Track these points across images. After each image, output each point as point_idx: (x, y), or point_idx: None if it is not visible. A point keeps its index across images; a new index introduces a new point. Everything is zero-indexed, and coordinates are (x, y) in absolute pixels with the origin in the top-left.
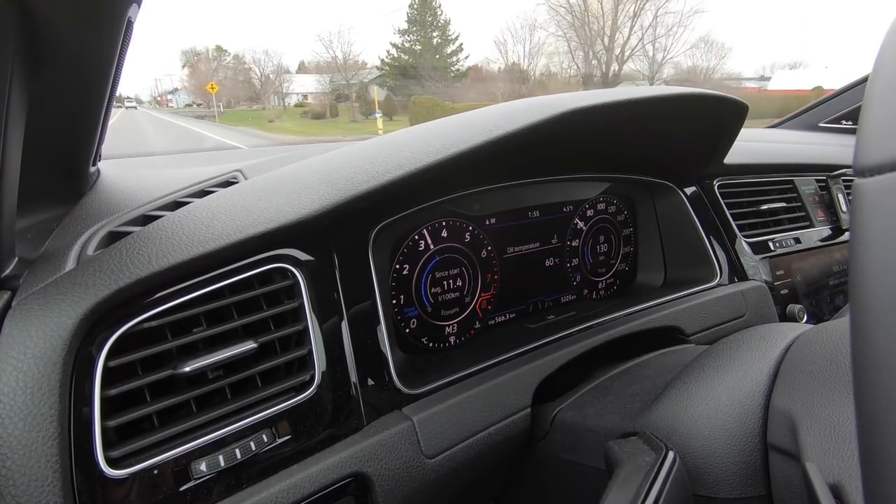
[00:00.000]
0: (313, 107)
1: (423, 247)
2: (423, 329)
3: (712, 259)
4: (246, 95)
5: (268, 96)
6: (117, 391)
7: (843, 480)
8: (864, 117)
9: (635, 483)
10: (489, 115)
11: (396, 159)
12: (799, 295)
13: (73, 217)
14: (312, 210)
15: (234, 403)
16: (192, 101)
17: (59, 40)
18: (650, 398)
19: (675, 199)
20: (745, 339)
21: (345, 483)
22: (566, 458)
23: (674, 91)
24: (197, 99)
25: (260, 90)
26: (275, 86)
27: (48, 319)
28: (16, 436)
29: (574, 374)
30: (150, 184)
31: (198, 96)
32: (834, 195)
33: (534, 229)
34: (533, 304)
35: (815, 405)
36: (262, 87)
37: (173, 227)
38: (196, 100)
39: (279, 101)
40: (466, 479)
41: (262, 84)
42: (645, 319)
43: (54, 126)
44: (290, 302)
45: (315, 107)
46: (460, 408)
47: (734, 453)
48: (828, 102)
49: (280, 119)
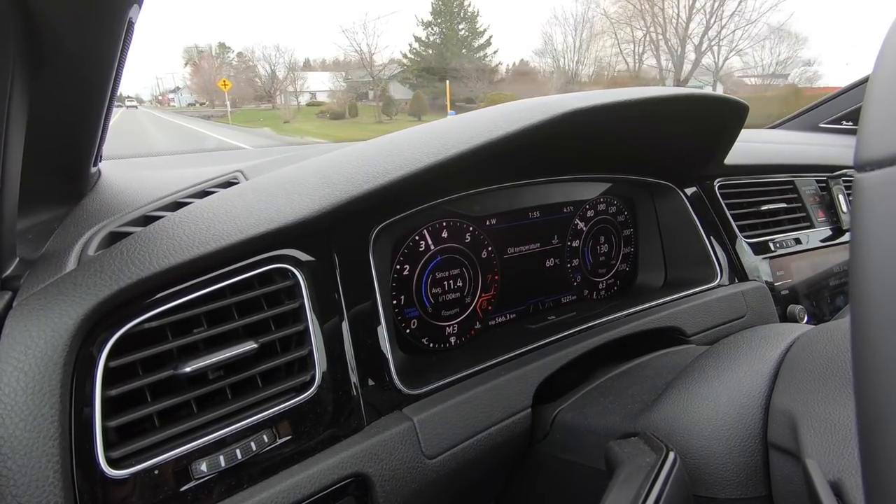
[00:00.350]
0: (331, 106)
1: (424, 247)
2: (423, 329)
3: (713, 259)
4: (253, 94)
5: (280, 95)
6: (118, 391)
7: (844, 477)
8: (865, 112)
9: (636, 483)
10: (490, 116)
11: (397, 160)
12: (799, 295)
13: (73, 217)
14: (313, 210)
15: (235, 404)
16: (194, 100)
17: (60, 41)
18: (651, 399)
19: (675, 199)
20: (745, 340)
21: (345, 483)
22: (566, 458)
23: (674, 92)
24: (200, 98)
25: (271, 88)
26: (285, 84)
27: (49, 320)
28: (17, 436)
29: (574, 374)
30: (150, 184)
31: (201, 95)
32: (834, 196)
33: (534, 230)
34: (533, 305)
35: (815, 403)
36: (273, 85)
37: (174, 227)
38: (199, 99)
39: (291, 100)
40: (467, 480)
41: (272, 82)
42: (645, 320)
43: (55, 127)
44: (290, 302)
45: (332, 106)
46: (461, 408)
47: (735, 454)
48: (828, 103)
49: (295, 119)
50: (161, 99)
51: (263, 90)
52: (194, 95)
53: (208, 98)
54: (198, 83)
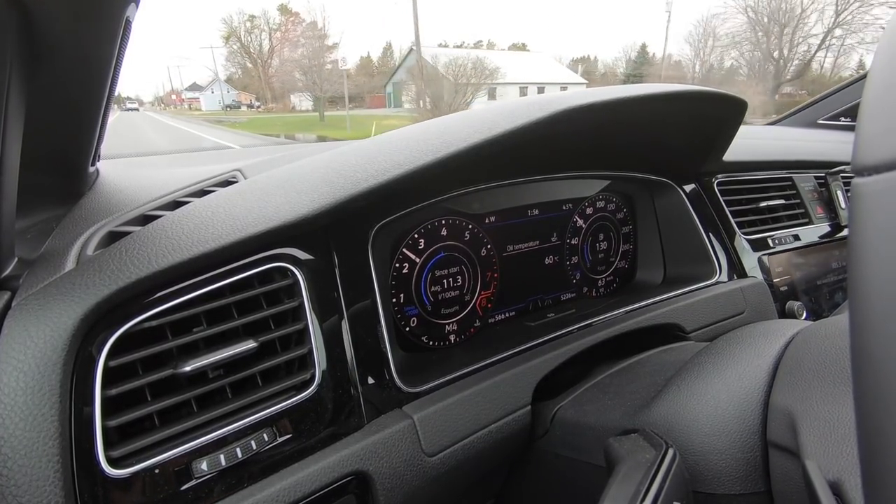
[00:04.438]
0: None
1: (423, 245)
2: (423, 327)
3: (711, 256)
4: (352, 89)
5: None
6: (118, 391)
7: (843, 477)
8: (862, 116)
9: (635, 480)
10: (488, 114)
11: (396, 158)
12: (798, 292)
13: (72, 217)
14: (312, 209)
15: (235, 402)
16: (235, 99)
17: (58, 40)
18: (650, 395)
19: (674, 196)
20: (744, 336)
21: (346, 481)
22: (566, 455)
23: (673, 89)
24: (247, 97)
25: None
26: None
27: (48, 320)
28: (17, 436)
29: (574, 371)
30: (149, 183)
31: (251, 92)
32: (833, 192)
33: (533, 227)
34: (533, 302)
35: (814, 402)
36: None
37: (173, 226)
38: (246, 98)
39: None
40: (467, 477)
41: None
42: (644, 317)
43: (53, 126)
44: (290, 301)
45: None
46: (461, 406)
47: (734, 450)
48: (826, 99)
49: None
50: (176, 98)
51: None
52: (232, 91)
53: (261, 97)
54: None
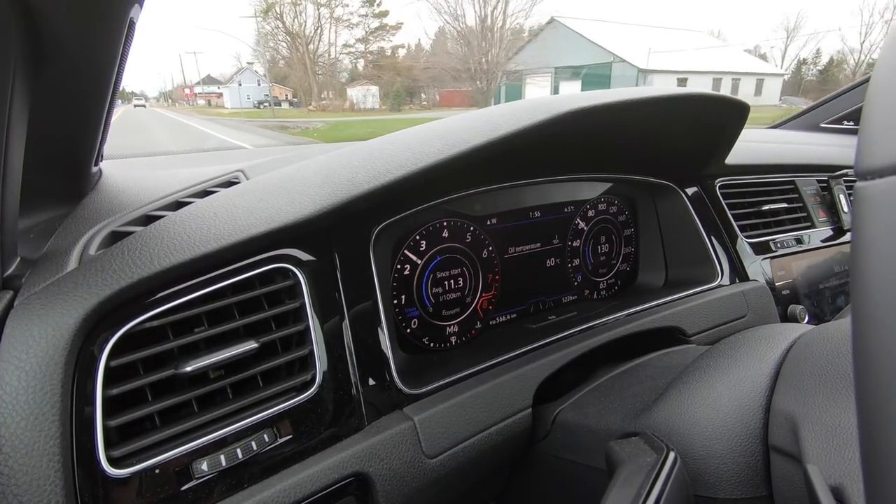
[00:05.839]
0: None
1: (425, 247)
2: (424, 329)
3: (713, 259)
4: (407, 83)
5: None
6: (119, 391)
7: (845, 483)
8: (865, 120)
9: (636, 483)
10: (491, 116)
11: (398, 159)
12: (800, 295)
13: (75, 217)
14: (314, 210)
15: (236, 403)
16: (268, 96)
17: (61, 41)
18: (651, 399)
19: (676, 199)
20: (746, 340)
21: (346, 483)
22: (567, 458)
23: (675, 92)
24: (282, 91)
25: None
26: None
27: (50, 319)
28: (18, 435)
29: (575, 374)
30: (151, 184)
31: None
32: (835, 195)
33: (535, 230)
34: (534, 305)
35: (816, 406)
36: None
37: (175, 227)
38: (281, 93)
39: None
40: (467, 479)
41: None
42: (646, 320)
43: (56, 126)
44: (291, 302)
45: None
46: (461, 408)
47: (735, 454)
48: (829, 103)
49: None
50: (188, 93)
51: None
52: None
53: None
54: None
